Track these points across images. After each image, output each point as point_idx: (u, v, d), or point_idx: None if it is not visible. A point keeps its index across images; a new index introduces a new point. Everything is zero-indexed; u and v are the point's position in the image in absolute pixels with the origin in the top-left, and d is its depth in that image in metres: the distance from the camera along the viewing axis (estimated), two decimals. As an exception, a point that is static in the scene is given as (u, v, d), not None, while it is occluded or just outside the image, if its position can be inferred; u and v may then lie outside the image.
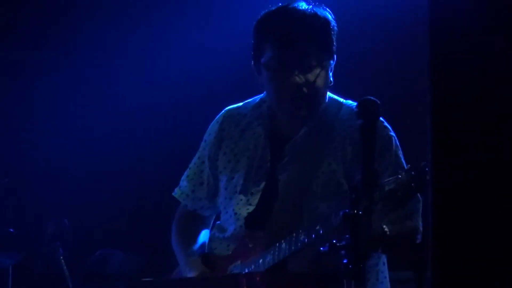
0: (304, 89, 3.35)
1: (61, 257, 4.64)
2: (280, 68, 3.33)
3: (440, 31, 2.13)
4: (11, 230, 4.58)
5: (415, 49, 4.79)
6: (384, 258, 3.42)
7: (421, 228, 3.27)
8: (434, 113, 2.12)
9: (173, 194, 3.59)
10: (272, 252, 3.24)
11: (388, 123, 3.34)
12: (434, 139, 2.13)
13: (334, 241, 2.56)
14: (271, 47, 3.32)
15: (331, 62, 3.37)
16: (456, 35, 2.10)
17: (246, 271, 3.31)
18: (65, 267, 4.61)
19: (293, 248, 3.17)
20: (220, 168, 3.43)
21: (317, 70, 3.33)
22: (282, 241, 3.20)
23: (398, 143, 3.35)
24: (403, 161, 3.31)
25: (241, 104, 3.50)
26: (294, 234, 3.17)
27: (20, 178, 5.51)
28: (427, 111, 2.15)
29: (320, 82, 3.35)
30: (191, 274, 3.39)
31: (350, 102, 3.41)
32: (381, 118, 3.24)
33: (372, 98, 2.71)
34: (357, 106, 2.70)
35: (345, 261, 2.52)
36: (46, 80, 5.82)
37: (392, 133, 3.32)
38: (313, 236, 3.06)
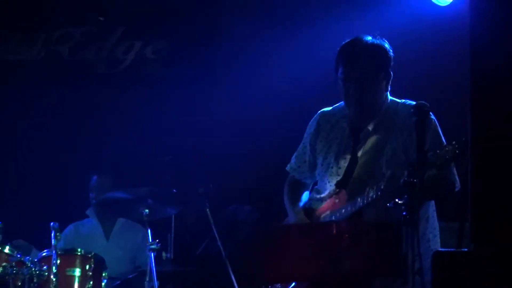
0: (362, 97, 3.67)
1: (208, 210, 5.05)
2: (346, 81, 3.68)
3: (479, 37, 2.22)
4: (174, 190, 5.00)
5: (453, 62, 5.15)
6: (433, 206, 3.75)
7: (453, 178, 3.56)
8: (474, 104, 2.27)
9: (286, 168, 4.11)
10: (350, 204, 3.59)
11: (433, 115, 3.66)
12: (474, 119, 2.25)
13: (397, 200, 2.96)
14: (342, 65, 3.70)
15: (386, 76, 3.70)
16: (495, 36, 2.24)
17: (333, 218, 3.67)
18: (210, 217, 5.01)
19: (365, 201, 3.50)
20: (318, 151, 3.92)
21: (373, 83, 3.66)
22: (358, 196, 3.55)
23: (439, 129, 3.67)
24: (443, 141, 3.66)
25: (330, 108, 3.99)
26: (366, 192, 3.50)
27: (178, 155, 5.89)
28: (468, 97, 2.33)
29: (374, 91, 3.67)
30: (296, 221, 3.83)
31: (405, 101, 3.79)
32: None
33: (423, 102, 3.15)
34: (413, 107, 3.10)
35: (404, 213, 2.92)
36: (185, 71, 6.18)
37: (436, 123, 3.68)
38: (379, 192, 3.43)
